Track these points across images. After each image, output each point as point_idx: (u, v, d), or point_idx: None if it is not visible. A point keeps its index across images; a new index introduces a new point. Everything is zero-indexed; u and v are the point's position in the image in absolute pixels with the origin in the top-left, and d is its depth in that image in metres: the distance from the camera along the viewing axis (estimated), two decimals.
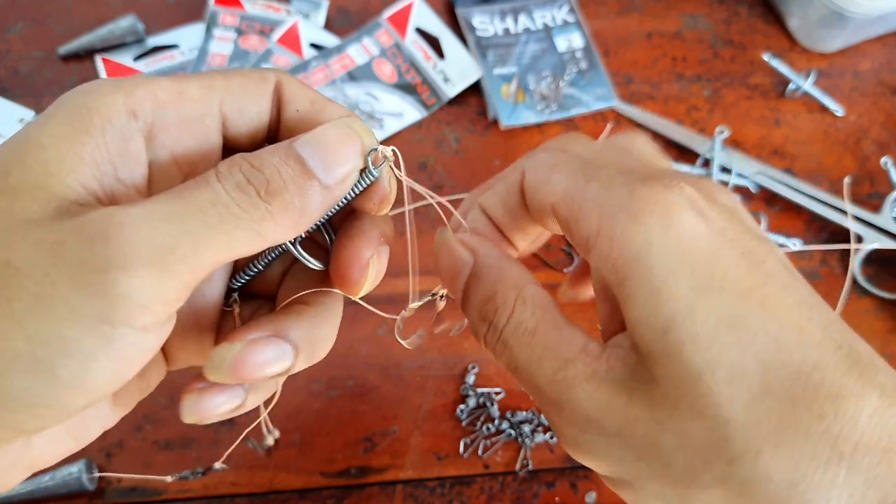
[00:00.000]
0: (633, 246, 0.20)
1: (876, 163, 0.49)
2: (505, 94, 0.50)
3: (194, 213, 0.18)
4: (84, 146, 0.19)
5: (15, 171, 0.18)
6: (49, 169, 0.19)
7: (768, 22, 0.55)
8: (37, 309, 0.17)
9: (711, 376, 0.19)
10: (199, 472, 0.38)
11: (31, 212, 0.18)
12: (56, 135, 0.19)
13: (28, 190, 0.18)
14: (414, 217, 0.48)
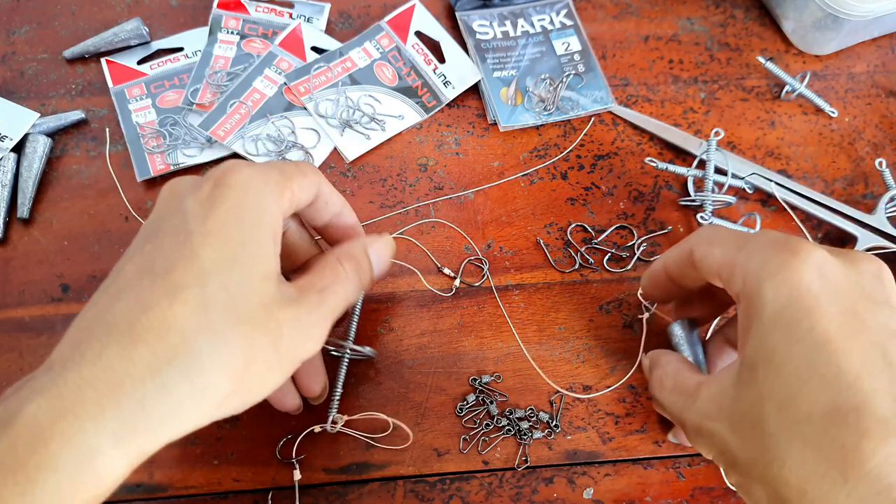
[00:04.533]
0: (758, 301, 0.28)
1: (870, 164, 0.50)
2: (504, 97, 0.51)
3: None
4: (273, 245, 0.29)
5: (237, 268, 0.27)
6: (267, 263, 0.29)
7: (763, 25, 0.55)
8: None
9: (770, 403, 0.26)
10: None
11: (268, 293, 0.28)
12: (256, 238, 0.28)
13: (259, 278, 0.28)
14: (414, 217, 0.50)
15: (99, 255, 0.45)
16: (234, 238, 0.27)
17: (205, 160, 0.48)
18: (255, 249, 0.28)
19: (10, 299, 0.44)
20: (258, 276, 0.28)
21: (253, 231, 0.28)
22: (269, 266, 0.28)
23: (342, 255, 0.33)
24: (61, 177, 0.48)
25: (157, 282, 0.26)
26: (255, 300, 0.27)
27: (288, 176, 0.30)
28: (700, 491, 0.40)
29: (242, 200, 0.28)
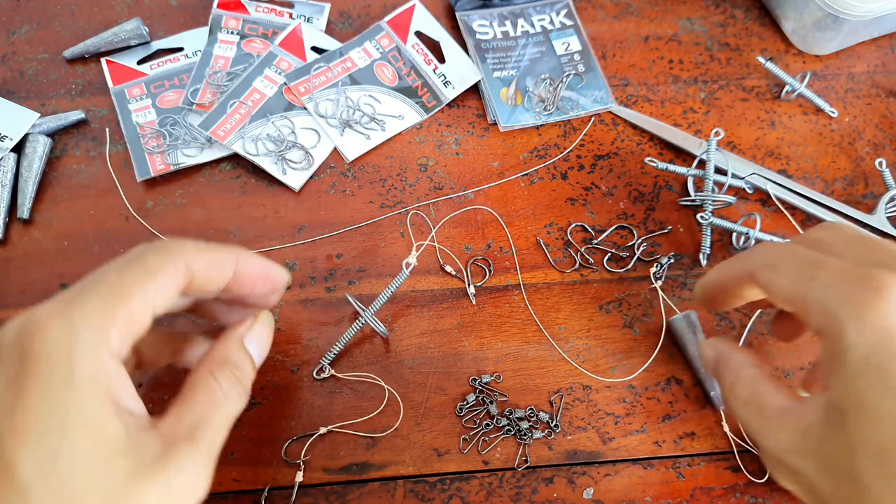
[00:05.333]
0: (842, 344, 0.26)
1: (870, 164, 0.50)
2: (504, 97, 0.51)
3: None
4: (111, 407, 0.25)
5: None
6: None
7: (764, 25, 0.55)
8: None
9: (865, 453, 0.25)
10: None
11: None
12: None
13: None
14: (414, 218, 0.50)
15: (99, 255, 0.45)
16: (53, 430, 0.23)
17: (205, 160, 0.48)
18: (86, 429, 0.24)
19: (10, 299, 0.44)
20: (101, 460, 0.24)
21: (77, 407, 0.23)
22: (111, 436, 0.24)
23: (214, 365, 0.29)
24: (61, 177, 0.48)
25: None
26: (104, 490, 0.23)
27: (120, 298, 0.25)
28: (700, 491, 0.40)
29: (52, 375, 0.23)
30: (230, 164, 0.48)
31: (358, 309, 0.41)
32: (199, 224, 0.46)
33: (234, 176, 0.48)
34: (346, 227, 0.46)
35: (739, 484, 0.40)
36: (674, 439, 0.41)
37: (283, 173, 0.47)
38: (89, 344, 0.24)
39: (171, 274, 0.27)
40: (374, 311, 0.41)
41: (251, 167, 0.48)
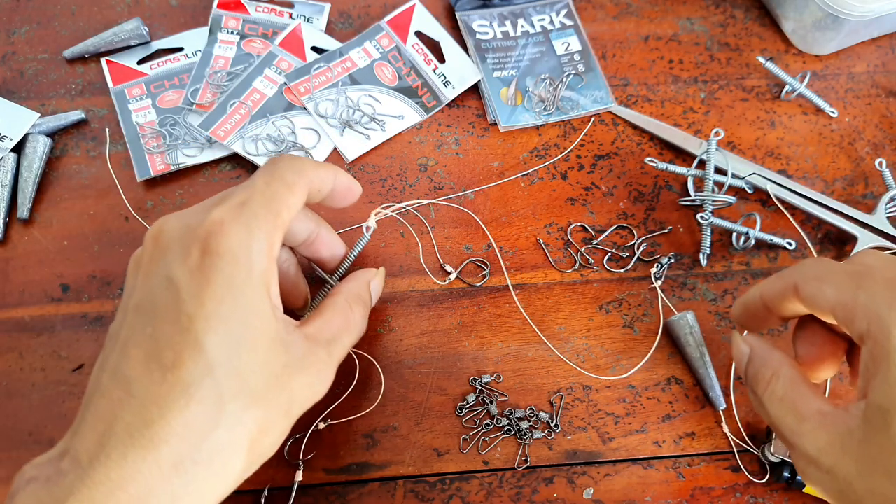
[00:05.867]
0: (888, 345, 0.27)
1: (870, 164, 0.50)
2: (504, 97, 0.51)
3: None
4: (271, 303, 0.29)
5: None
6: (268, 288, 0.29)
7: (764, 25, 0.55)
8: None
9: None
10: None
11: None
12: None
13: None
14: (415, 218, 0.50)
15: (99, 255, 0.45)
16: (235, 318, 0.27)
17: (205, 160, 0.48)
18: (258, 322, 0.27)
19: (10, 299, 0.44)
20: (265, 348, 0.28)
21: (251, 301, 0.27)
22: (274, 332, 0.28)
23: (352, 297, 0.34)
24: (61, 177, 0.48)
25: (168, 377, 0.26)
26: (266, 374, 0.27)
27: (275, 208, 0.29)
28: (700, 491, 0.40)
29: (234, 270, 0.27)
30: (230, 164, 0.48)
31: (322, 276, 0.42)
32: None
33: (234, 176, 0.48)
34: (346, 227, 0.46)
35: (739, 484, 0.40)
36: (674, 439, 0.41)
37: None
38: (263, 246, 0.28)
39: (303, 189, 0.31)
40: (338, 277, 0.42)
41: (251, 167, 0.48)
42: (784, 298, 0.33)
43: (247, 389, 0.27)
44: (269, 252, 0.28)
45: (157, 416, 0.25)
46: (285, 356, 0.28)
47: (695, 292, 0.45)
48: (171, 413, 0.25)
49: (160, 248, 0.29)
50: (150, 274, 0.28)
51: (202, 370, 0.26)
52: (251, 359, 0.27)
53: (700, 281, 0.46)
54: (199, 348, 0.26)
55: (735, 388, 0.43)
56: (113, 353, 0.28)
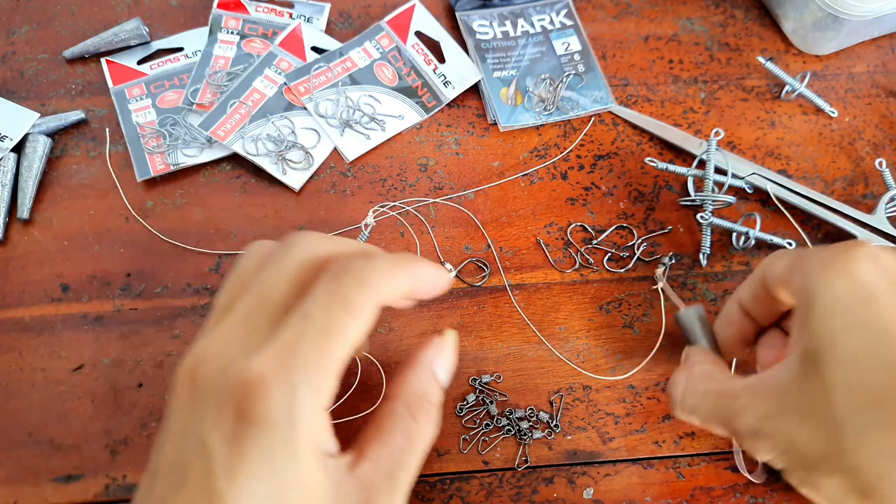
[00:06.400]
0: (815, 293, 0.28)
1: (870, 164, 0.50)
2: (504, 97, 0.51)
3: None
4: (320, 464, 0.25)
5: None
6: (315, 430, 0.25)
7: (764, 25, 0.55)
8: None
9: (838, 391, 0.26)
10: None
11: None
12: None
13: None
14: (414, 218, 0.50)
15: (99, 255, 0.45)
16: (272, 494, 0.23)
17: (205, 160, 0.48)
18: (299, 492, 0.24)
19: (10, 299, 0.44)
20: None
21: (293, 473, 0.24)
22: (320, 494, 0.24)
23: (411, 401, 0.28)
24: (61, 177, 0.48)
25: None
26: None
27: (332, 340, 0.25)
28: (700, 491, 0.40)
29: (274, 442, 0.23)
30: (230, 164, 0.48)
31: None
32: (199, 224, 0.46)
33: (234, 176, 0.48)
34: (346, 227, 0.46)
35: (739, 484, 0.40)
36: (674, 439, 0.41)
37: (283, 173, 0.47)
38: (309, 405, 0.24)
39: (371, 311, 0.26)
40: None
41: (251, 167, 0.48)
42: (756, 292, 0.34)
43: None
44: (318, 411, 0.25)
45: None
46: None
47: (695, 292, 0.45)
48: None
49: (196, 397, 0.25)
50: (184, 429, 0.25)
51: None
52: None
53: (700, 281, 0.46)
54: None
55: None
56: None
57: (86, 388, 0.41)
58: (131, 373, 0.42)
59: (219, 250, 0.46)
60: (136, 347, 0.43)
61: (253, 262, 0.28)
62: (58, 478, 0.39)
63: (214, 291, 0.44)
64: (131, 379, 0.42)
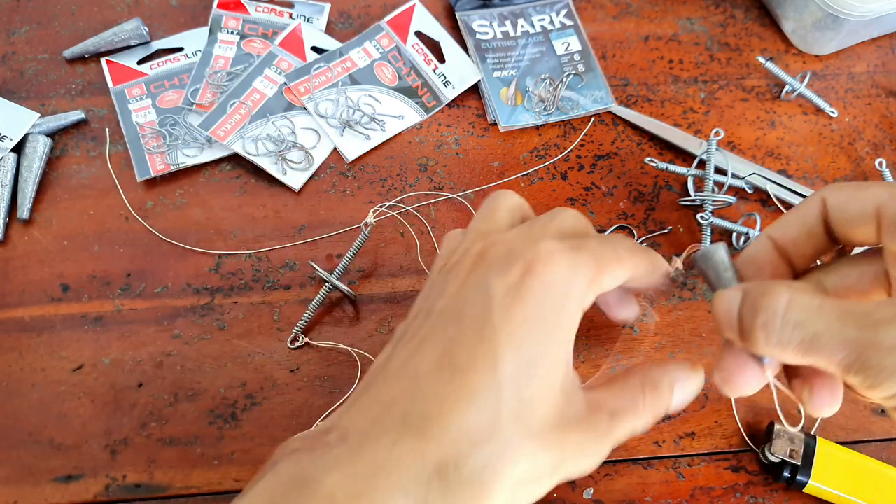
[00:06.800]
0: None
1: (870, 164, 0.50)
2: (504, 97, 0.51)
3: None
4: (568, 349, 0.27)
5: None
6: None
7: (764, 25, 0.55)
8: None
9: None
10: None
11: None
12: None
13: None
14: (414, 218, 0.50)
15: (99, 255, 0.45)
16: (535, 343, 0.26)
17: (205, 160, 0.48)
18: (553, 358, 0.27)
19: (10, 299, 0.44)
20: (552, 389, 0.27)
21: (554, 336, 0.27)
22: (563, 376, 0.27)
23: (647, 381, 0.30)
24: (61, 177, 0.48)
25: (457, 379, 0.26)
26: (547, 415, 0.26)
27: (602, 266, 0.28)
28: (700, 491, 0.40)
29: (549, 299, 0.26)
30: (230, 164, 0.48)
31: (322, 275, 0.42)
32: (199, 224, 0.46)
33: (234, 176, 0.48)
34: (346, 227, 0.46)
35: (739, 484, 0.40)
36: (674, 439, 0.41)
37: (283, 173, 0.47)
38: (580, 289, 0.27)
39: (628, 267, 0.29)
40: (337, 275, 0.43)
41: (251, 167, 0.48)
42: (811, 231, 0.29)
43: (524, 419, 0.26)
44: (583, 299, 0.27)
45: (436, 413, 0.25)
46: (566, 406, 0.27)
47: (694, 292, 0.45)
48: (450, 413, 0.25)
49: (484, 263, 0.28)
50: (467, 284, 0.28)
51: (491, 381, 0.25)
52: (537, 392, 0.26)
53: (700, 281, 0.46)
54: (495, 360, 0.25)
55: None
56: (406, 348, 0.28)
57: (86, 388, 0.41)
58: (131, 373, 0.42)
59: (219, 250, 0.46)
60: (136, 347, 0.43)
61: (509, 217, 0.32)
62: (58, 478, 0.39)
63: (214, 291, 0.44)
64: (131, 379, 0.42)
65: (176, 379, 0.42)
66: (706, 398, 0.42)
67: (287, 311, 0.44)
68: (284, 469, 0.26)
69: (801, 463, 0.38)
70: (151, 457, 0.40)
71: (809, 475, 0.38)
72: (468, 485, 0.25)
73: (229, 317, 0.44)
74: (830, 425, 0.42)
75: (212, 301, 0.44)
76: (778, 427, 0.39)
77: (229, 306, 0.44)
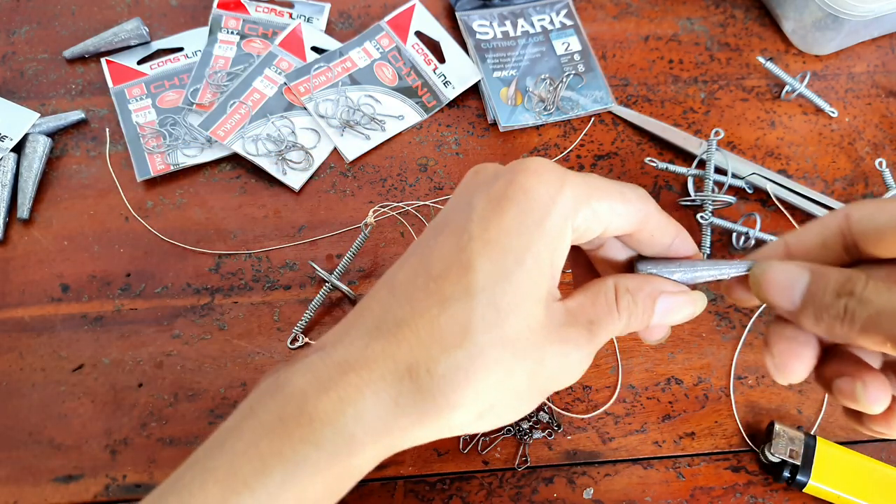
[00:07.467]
0: None
1: (870, 164, 0.50)
2: (504, 97, 0.51)
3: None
4: (550, 264, 0.27)
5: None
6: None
7: (764, 25, 0.55)
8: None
9: None
10: None
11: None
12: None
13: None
14: (414, 218, 0.50)
15: (99, 255, 0.45)
16: (512, 252, 0.26)
17: (205, 160, 0.48)
18: (532, 267, 0.26)
19: (10, 299, 0.44)
20: (530, 299, 0.26)
21: (534, 246, 0.26)
22: (543, 287, 0.27)
23: (621, 287, 0.29)
24: (61, 177, 0.48)
25: (430, 286, 0.26)
26: (523, 325, 0.26)
27: (596, 191, 0.27)
28: (700, 491, 0.40)
29: (529, 208, 0.26)
30: (230, 164, 0.48)
31: (322, 275, 0.42)
32: (199, 224, 0.46)
33: (234, 176, 0.48)
34: (346, 227, 0.46)
35: (739, 484, 0.40)
36: (674, 439, 0.41)
37: (283, 173, 0.47)
38: (566, 203, 0.27)
39: (634, 211, 0.28)
40: (337, 275, 0.43)
41: (251, 167, 0.48)
42: (824, 241, 0.29)
43: (498, 328, 0.25)
44: (569, 216, 0.27)
45: (409, 317, 0.25)
46: (545, 317, 0.26)
47: None
48: (421, 318, 0.25)
49: (475, 178, 0.28)
50: (456, 197, 0.28)
51: (463, 288, 0.25)
52: (512, 300, 0.26)
53: None
54: (469, 267, 0.25)
55: (735, 389, 0.43)
56: (393, 266, 0.28)
57: (86, 388, 0.41)
58: (131, 373, 0.42)
59: (219, 250, 0.46)
60: (136, 347, 0.43)
61: None
62: (58, 478, 0.39)
63: (214, 291, 0.44)
64: (131, 379, 0.42)
65: (176, 379, 0.42)
66: (706, 398, 0.42)
67: (287, 311, 0.44)
68: (263, 381, 0.27)
69: (801, 463, 0.38)
70: (151, 457, 0.40)
71: (809, 475, 0.38)
72: (438, 388, 0.25)
73: (229, 317, 0.44)
74: (830, 425, 0.42)
75: (212, 301, 0.44)
76: (778, 427, 0.39)
77: (229, 306, 0.44)
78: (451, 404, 0.25)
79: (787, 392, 0.43)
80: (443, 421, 0.26)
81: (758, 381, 0.43)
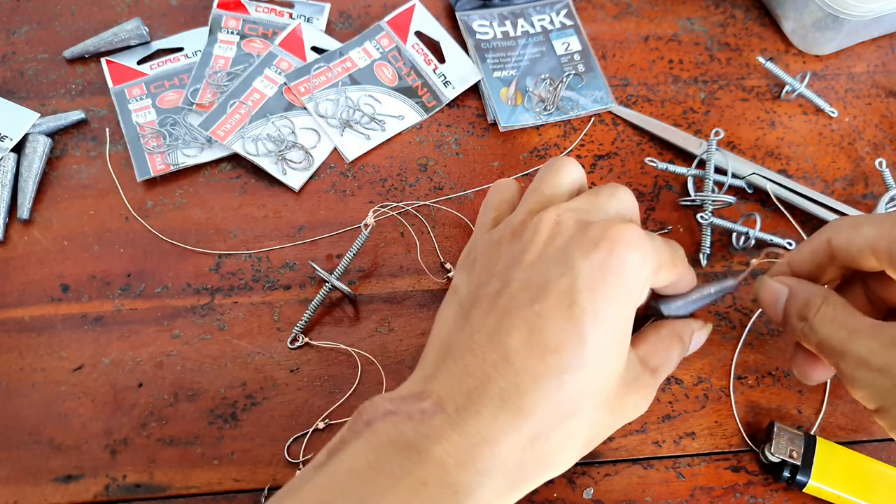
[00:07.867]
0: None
1: (870, 164, 0.50)
2: (504, 97, 0.51)
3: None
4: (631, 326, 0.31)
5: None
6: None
7: (764, 25, 0.55)
8: None
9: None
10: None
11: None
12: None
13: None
14: (414, 218, 0.50)
15: (99, 255, 0.45)
16: (616, 324, 0.29)
17: (205, 160, 0.48)
18: (625, 335, 0.30)
19: (10, 299, 0.44)
20: (622, 361, 0.30)
21: (627, 315, 0.30)
22: (627, 344, 0.30)
23: (675, 335, 0.35)
24: (61, 177, 0.48)
25: (548, 359, 0.28)
26: (615, 384, 0.30)
27: (662, 263, 0.31)
28: (700, 491, 0.40)
29: (627, 283, 0.29)
30: (230, 164, 0.48)
31: (322, 275, 0.42)
32: (199, 224, 0.46)
33: (234, 176, 0.48)
34: (346, 227, 0.46)
35: (739, 484, 0.40)
36: (674, 439, 0.41)
37: (283, 173, 0.47)
38: (649, 276, 0.30)
39: (675, 274, 0.33)
40: (337, 275, 0.43)
41: (251, 167, 0.48)
42: (817, 259, 0.34)
43: (602, 392, 0.29)
44: (646, 285, 0.31)
45: (532, 391, 0.28)
46: (625, 370, 0.31)
47: None
48: (544, 392, 0.28)
49: (561, 235, 0.31)
50: (545, 255, 0.30)
51: (577, 361, 0.28)
52: (612, 366, 0.29)
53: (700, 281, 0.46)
54: (582, 342, 0.28)
55: (735, 389, 0.43)
56: (488, 318, 0.30)
57: (86, 388, 0.41)
58: (131, 373, 0.42)
59: (219, 250, 0.46)
60: (136, 347, 0.43)
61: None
62: (58, 478, 0.39)
63: (214, 291, 0.44)
64: (131, 379, 0.42)
65: (176, 379, 0.42)
66: (706, 398, 0.42)
67: (287, 311, 0.44)
68: (384, 431, 0.28)
69: (801, 463, 0.38)
70: (151, 457, 0.40)
71: (809, 475, 0.38)
72: (552, 452, 0.29)
73: (229, 317, 0.44)
74: (830, 425, 0.42)
75: (212, 301, 0.44)
76: (778, 427, 0.39)
77: (229, 306, 0.44)
78: (558, 461, 0.30)
79: (787, 392, 0.43)
80: (551, 473, 0.30)
81: (758, 381, 0.43)
